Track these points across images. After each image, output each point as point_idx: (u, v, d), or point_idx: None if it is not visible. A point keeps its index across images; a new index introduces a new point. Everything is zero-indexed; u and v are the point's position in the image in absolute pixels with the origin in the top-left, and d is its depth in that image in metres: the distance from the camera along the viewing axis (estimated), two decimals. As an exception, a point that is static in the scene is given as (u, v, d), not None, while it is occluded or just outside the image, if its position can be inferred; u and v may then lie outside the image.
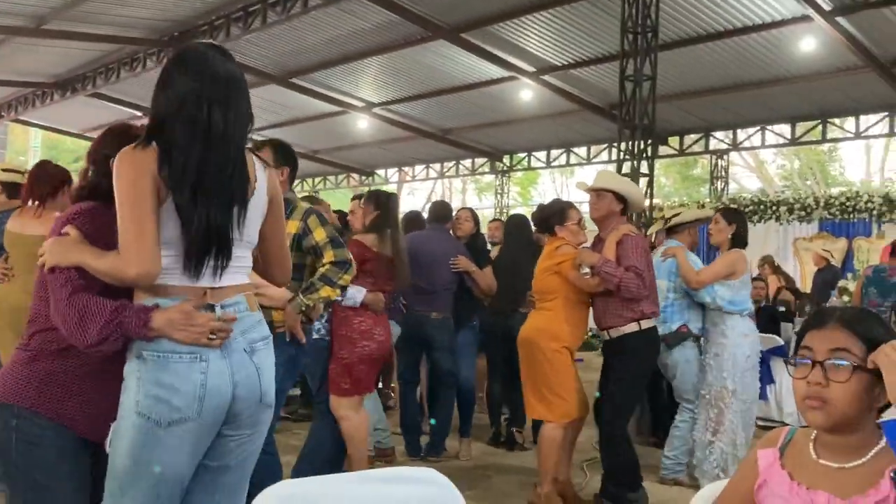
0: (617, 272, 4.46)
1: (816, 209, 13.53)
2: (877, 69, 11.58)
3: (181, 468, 2.06)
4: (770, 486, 1.71)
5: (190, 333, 2.02)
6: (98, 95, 16.99)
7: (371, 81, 15.23)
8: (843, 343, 1.61)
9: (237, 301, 2.16)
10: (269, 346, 2.24)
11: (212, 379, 2.04)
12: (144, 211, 2.00)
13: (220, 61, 2.17)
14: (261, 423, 2.23)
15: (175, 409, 2.01)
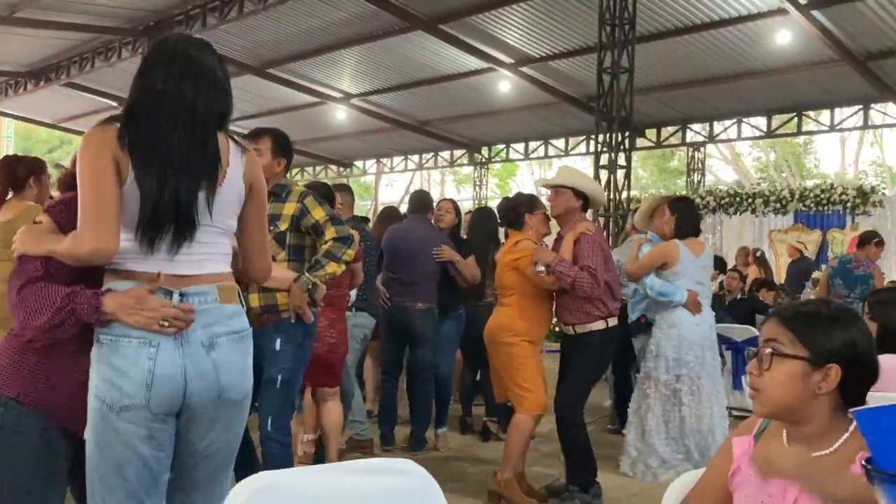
0: (571, 271, 4.49)
1: (791, 201, 13.67)
2: (851, 63, 11.68)
3: (142, 453, 2.04)
4: (743, 473, 1.74)
5: (140, 317, 1.98)
6: (72, 85, 16.78)
7: (349, 72, 15.16)
8: (773, 334, 1.68)
9: (203, 291, 2.09)
10: (239, 342, 2.16)
11: (160, 367, 2.01)
12: (101, 188, 1.98)
13: (193, 49, 2.17)
14: (227, 419, 2.16)
15: (126, 394, 2.00)
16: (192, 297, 2.07)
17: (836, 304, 1.73)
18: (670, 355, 5.23)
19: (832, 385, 1.61)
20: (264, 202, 2.35)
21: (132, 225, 2.04)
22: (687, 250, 5.28)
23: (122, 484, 2.04)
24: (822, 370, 1.62)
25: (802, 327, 1.65)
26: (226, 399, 2.12)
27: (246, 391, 2.20)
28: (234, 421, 2.20)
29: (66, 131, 23.55)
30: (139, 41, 14.09)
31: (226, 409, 2.14)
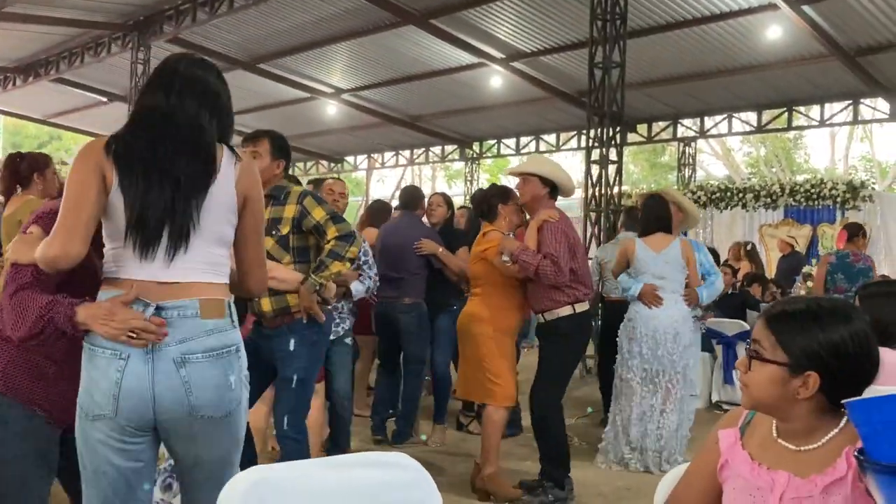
0: (533, 260, 4.49)
1: (782, 196, 13.70)
2: (841, 58, 11.72)
3: (115, 463, 2.06)
4: (732, 467, 1.74)
5: (109, 329, 1.99)
6: (62, 80, 16.70)
7: (340, 67, 15.13)
8: (758, 335, 1.70)
9: (182, 305, 2.06)
10: (217, 360, 2.09)
11: (128, 379, 2.01)
12: (78, 198, 2.02)
13: (191, 67, 2.23)
14: (207, 437, 2.11)
15: (96, 403, 2.03)
16: (169, 311, 2.04)
17: (827, 303, 1.69)
18: (625, 347, 5.49)
19: (810, 392, 1.61)
20: (261, 214, 2.30)
21: (119, 233, 2.07)
22: (644, 246, 5.48)
23: (97, 493, 2.08)
24: (800, 377, 1.62)
25: (785, 331, 1.65)
26: (200, 417, 2.07)
27: (227, 409, 2.12)
28: (216, 438, 2.13)
29: (56, 127, 23.47)
30: (129, 36, 14.04)
31: (203, 426, 2.09)
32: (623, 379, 5.48)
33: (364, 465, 1.72)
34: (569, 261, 4.55)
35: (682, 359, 5.40)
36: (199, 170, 2.12)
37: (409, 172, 31.64)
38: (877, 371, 1.65)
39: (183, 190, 2.08)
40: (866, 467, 1.39)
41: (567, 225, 4.67)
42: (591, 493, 4.83)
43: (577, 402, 7.78)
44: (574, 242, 4.66)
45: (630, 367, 5.44)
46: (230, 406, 2.12)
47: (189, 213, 2.08)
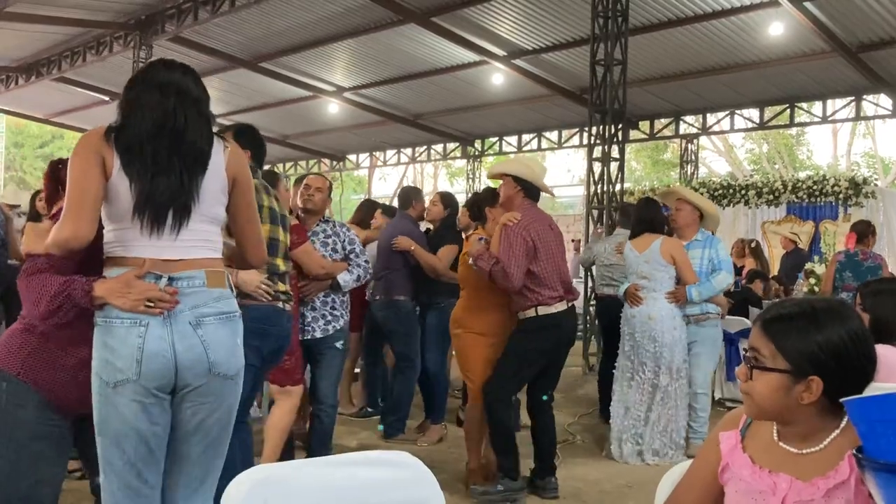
0: (486, 265, 4.52)
1: (784, 193, 13.70)
2: (843, 54, 11.70)
3: (138, 425, 2.20)
4: (733, 469, 1.74)
5: (127, 300, 2.16)
6: (64, 80, 16.72)
7: (341, 66, 15.13)
8: (756, 343, 1.68)
9: (191, 275, 2.25)
10: (227, 322, 2.30)
11: (150, 344, 2.17)
12: (82, 186, 2.20)
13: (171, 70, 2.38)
14: (219, 394, 2.30)
15: (118, 370, 2.17)
16: (180, 281, 2.23)
17: (822, 305, 1.67)
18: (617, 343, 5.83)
19: (815, 396, 1.60)
20: (249, 193, 2.48)
21: (123, 214, 2.24)
22: (631, 247, 5.72)
23: (121, 455, 2.21)
24: (803, 382, 1.60)
25: (783, 336, 1.63)
26: (217, 374, 2.26)
27: (238, 368, 2.32)
28: (226, 396, 2.31)
29: (58, 126, 23.48)
30: (130, 35, 14.04)
31: (216, 384, 2.27)
32: (615, 374, 5.77)
33: (366, 464, 1.73)
34: (525, 265, 4.50)
35: (666, 356, 5.48)
36: (200, 152, 2.30)
37: (411, 170, 31.67)
38: (875, 368, 1.65)
39: (188, 171, 2.26)
40: (865, 465, 1.39)
41: (532, 227, 4.56)
42: (593, 491, 4.84)
43: (578, 400, 7.80)
44: (537, 245, 4.55)
45: (618, 363, 5.74)
46: (238, 365, 2.34)
47: (192, 192, 2.27)
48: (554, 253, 4.64)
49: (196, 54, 14.47)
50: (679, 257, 5.55)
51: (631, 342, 5.61)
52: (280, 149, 20.59)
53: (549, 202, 33.65)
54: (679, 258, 5.55)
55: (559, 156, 31.02)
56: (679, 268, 5.54)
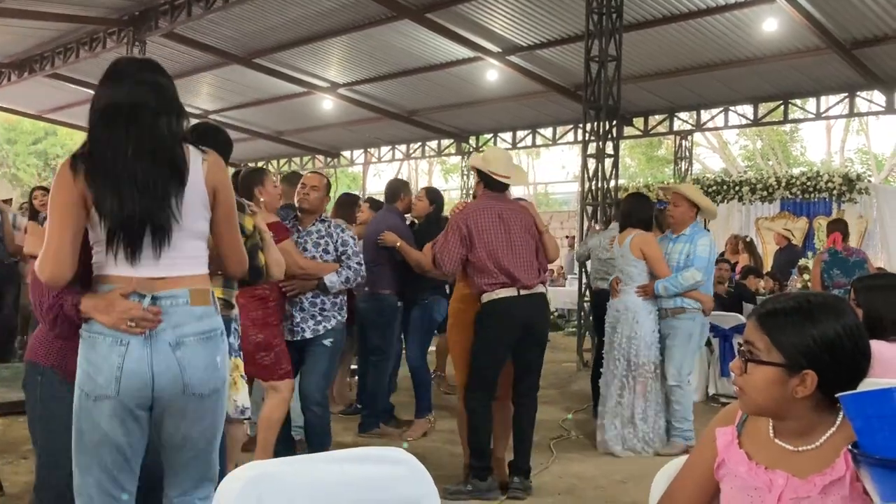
0: (430, 253, 4.69)
1: (778, 189, 13.73)
2: (837, 50, 11.72)
3: (115, 438, 2.26)
4: (728, 466, 1.73)
5: (110, 318, 2.21)
6: (57, 76, 16.65)
7: (336, 62, 15.11)
8: (751, 336, 1.68)
9: (174, 294, 2.27)
10: (207, 342, 2.31)
11: (129, 363, 2.22)
12: (59, 224, 2.24)
13: (135, 69, 2.36)
14: (195, 413, 2.33)
15: (99, 385, 2.23)
16: (163, 300, 2.26)
17: (817, 299, 1.68)
18: None
19: (809, 390, 1.60)
20: (230, 202, 2.46)
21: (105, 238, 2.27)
22: (616, 242, 5.92)
23: (97, 462, 2.27)
24: (798, 376, 1.61)
25: (778, 331, 1.63)
26: (191, 394, 2.29)
27: (213, 387, 2.34)
28: (204, 414, 2.34)
29: (51, 122, 23.40)
30: (124, 31, 13.98)
31: (193, 403, 2.30)
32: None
33: (361, 460, 1.73)
34: (456, 252, 4.57)
35: (636, 347, 5.60)
36: (166, 172, 2.27)
37: (405, 167, 31.65)
38: (869, 363, 1.65)
39: (155, 193, 2.24)
40: (861, 461, 1.39)
41: (471, 216, 4.61)
42: (588, 486, 4.84)
43: (572, 396, 7.81)
44: (472, 233, 4.57)
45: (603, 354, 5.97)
46: (217, 384, 2.35)
47: (167, 213, 2.26)
48: (493, 241, 4.58)
49: (189, 50, 14.43)
50: (649, 252, 5.63)
51: (610, 334, 5.79)
52: (274, 145, 20.55)
53: (544, 198, 33.72)
54: (649, 253, 5.63)
55: (553, 152, 31.10)
56: (649, 262, 5.65)
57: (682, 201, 5.80)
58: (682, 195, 5.87)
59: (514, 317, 4.58)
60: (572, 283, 14.43)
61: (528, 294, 4.60)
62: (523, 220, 4.72)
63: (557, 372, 9.42)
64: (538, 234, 4.80)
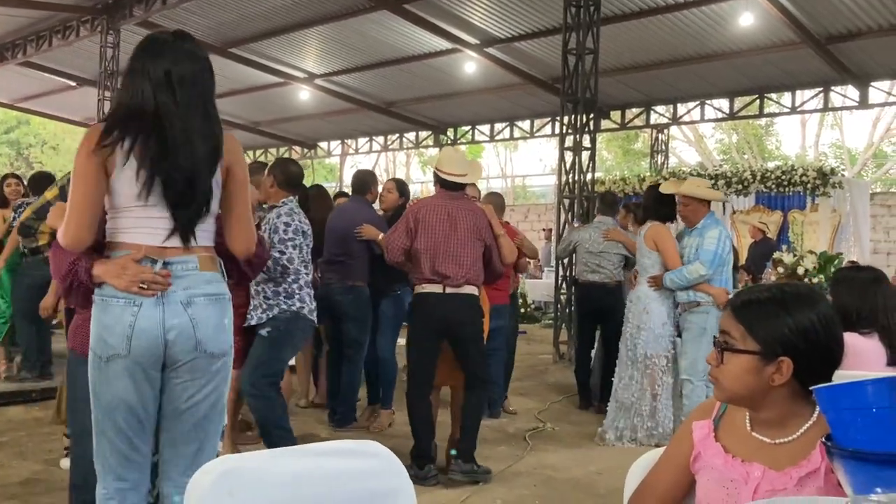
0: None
1: (753, 183, 13.81)
2: (812, 45, 11.82)
3: (128, 398, 2.35)
4: (705, 458, 1.74)
5: (122, 281, 2.30)
6: (29, 64, 16.45)
7: (313, 52, 15.03)
8: (726, 327, 1.69)
9: (185, 260, 2.37)
10: (216, 303, 2.41)
11: (141, 322, 2.31)
12: (80, 192, 2.32)
13: (182, 40, 2.46)
14: (206, 372, 2.41)
15: (110, 346, 2.33)
16: (174, 265, 2.36)
17: (791, 289, 1.70)
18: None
19: (786, 377, 1.62)
20: (242, 182, 2.52)
21: (123, 204, 2.35)
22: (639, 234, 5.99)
23: (112, 425, 2.37)
24: (774, 363, 1.62)
25: (752, 319, 1.65)
26: (202, 351, 2.37)
27: (224, 348, 2.43)
28: (211, 376, 2.42)
29: (24, 111, 23.12)
30: (98, 19, 13.83)
31: (203, 361, 2.39)
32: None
33: (335, 454, 1.71)
34: (401, 242, 4.74)
35: (644, 339, 5.61)
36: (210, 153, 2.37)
37: (383, 158, 31.57)
38: (843, 352, 1.67)
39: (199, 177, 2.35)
40: (834, 453, 1.40)
41: (421, 211, 4.78)
42: (563, 477, 4.86)
43: (550, 387, 7.83)
44: (418, 227, 4.71)
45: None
46: (225, 346, 2.44)
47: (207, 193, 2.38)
48: (434, 238, 4.69)
49: (165, 39, 14.28)
50: (662, 244, 5.61)
51: (625, 325, 5.80)
52: (250, 136, 20.42)
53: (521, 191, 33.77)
54: (662, 245, 5.61)
55: (531, 145, 31.14)
56: (662, 255, 5.62)
57: (690, 200, 5.67)
58: (688, 196, 5.70)
59: (437, 312, 4.70)
60: (549, 276, 14.47)
61: (454, 293, 4.67)
62: (473, 223, 4.78)
63: (534, 364, 9.45)
64: (493, 237, 4.86)
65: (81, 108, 18.82)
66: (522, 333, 13.14)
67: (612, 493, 4.39)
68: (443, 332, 4.72)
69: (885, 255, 15.62)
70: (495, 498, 4.43)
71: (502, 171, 34.19)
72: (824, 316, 1.65)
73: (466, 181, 4.96)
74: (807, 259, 7.73)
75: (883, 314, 3.20)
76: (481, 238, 4.78)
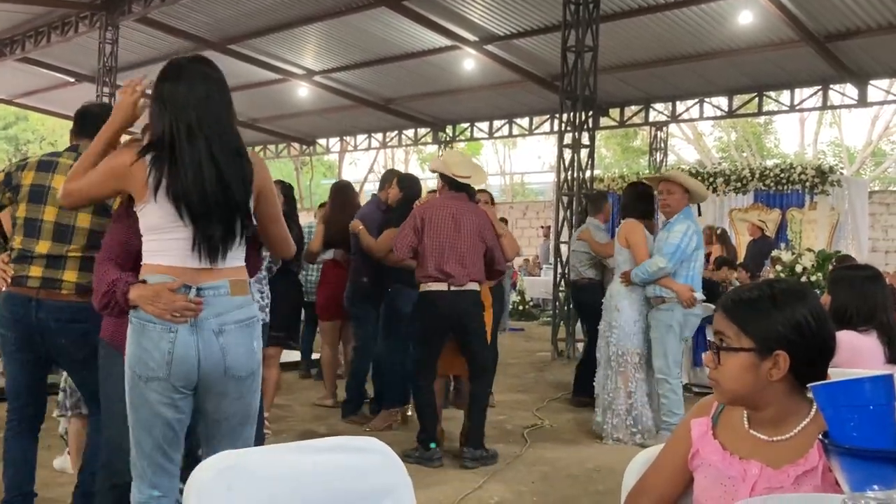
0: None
1: (752, 181, 13.79)
2: (811, 43, 11.82)
3: (165, 415, 2.47)
4: (703, 456, 1.74)
5: (155, 308, 2.40)
6: (28, 60, 16.42)
7: (312, 49, 15.01)
8: (719, 327, 1.71)
9: (216, 286, 2.47)
10: (245, 329, 2.52)
11: (178, 349, 2.42)
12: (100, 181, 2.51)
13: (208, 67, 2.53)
14: (234, 393, 2.54)
15: (151, 369, 2.44)
16: (206, 290, 2.45)
17: (779, 286, 1.72)
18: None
19: (783, 371, 1.63)
20: (273, 202, 2.67)
21: (159, 228, 2.45)
22: None
23: (150, 438, 2.49)
24: (770, 358, 1.63)
25: (744, 317, 1.67)
26: (231, 376, 2.49)
27: (251, 370, 2.55)
28: (242, 394, 2.56)
29: (22, 107, 23.09)
30: (97, 15, 13.81)
31: (232, 384, 2.51)
32: None
33: (334, 450, 1.72)
34: (408, 240, 4.96)
35: (616, 336, 5.62)
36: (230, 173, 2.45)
37: (381, 155, 31.55)
38: (835, 345, 1.70)
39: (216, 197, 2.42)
40: (831, 450, 1.40)
41: (428, 211, 4.99)
42: (560, 476, 4.86)
43: (549, 385, 7.84)
44: (424, 227, 4.94)
45: None
46: (253, 367, 2.57)
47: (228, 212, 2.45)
48: (440, 237, 4.91)
49: (163, 36, 14.28)
50: (632, 239, 5.62)
51: (601, 323, 5.85)
52: (249, 133, 20.39)
53: (520, 189, 33.77)
54: (631, 240, 5.62)
55: (530, 142, 31.10)
56: (631, 250, 5.63)
57: (675, 188, 5.53)
58: (675, 182, 5.60)
59: (442, 309, 4.96)
60: (548, 273, 14.48)
61: (458, 290, 4.93)
62: (477, 223, 4.99)
63: (533, 361, 9.46)
64: (495, 237, 5.12)
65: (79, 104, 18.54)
66: (520, 331, 13.17)
67: (610, 490, 4.40)
68: (448, 328, 5.02)
69: (883, 253, 15.65)
70: (493, 494, 4.44)
71: (501, 169, 34.18)
72: (815, 310, 1.67)
73: (472, 183, 5.14)
74: (805, 257, 7.73)
75: (881, 312, 3.21)
76: (483, 239, 5.01)
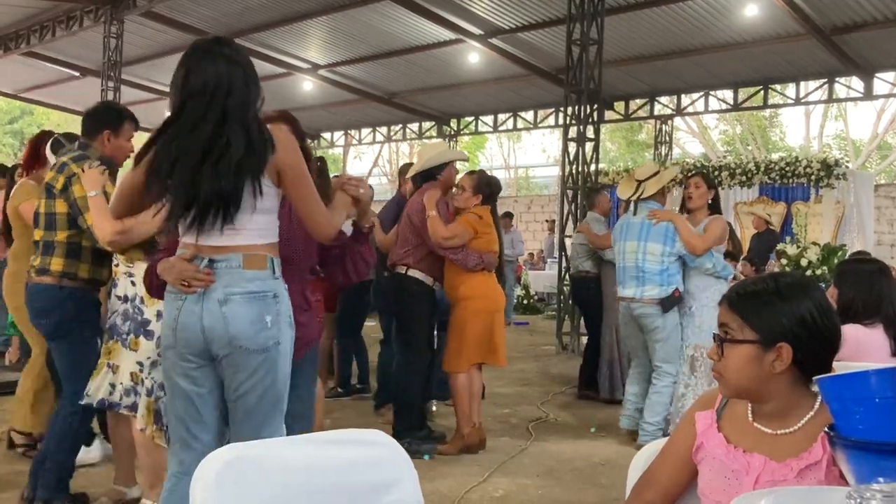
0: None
1: (757, 174, 13.77)
2: (817, 36, 11.77)
3: (182, 385, 2.55)
4: (707, 449, 1.75)
5: (169, 277, 2.52)
6: (33, 54, 16.42)
7: (316, 43, 14.99)
8: (724, 319, 1.72)
9: (228, 258, 2.49)
10: (253, 300, 2.48)
11: (183, 316, 2.50)
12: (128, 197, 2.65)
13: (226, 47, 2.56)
14: (246, 366, 2.50)
15: (166, 336, 2.57)
16: (218, 262, 2.49)
17: (784, 279, 1.72)
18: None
19: (786, 363, 1.63)
20: (299, 177, 2.57)
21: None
22: None
23: (173, 409, 2.61)
24: (773, 350, 1.64)
25: (749, 310, 1.68)
26: (237, 346, 2.47)
27: (261, 343, 2.49)
28: (255, 369, 2.51)
29: (28, 101, 23.11)
30: (102, 9, 13.81)
31: (241, 356, 2.49)
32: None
33: (340, 443, 1.72)
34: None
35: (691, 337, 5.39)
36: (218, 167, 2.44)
37: (386, 149, 31.53)
38: (840, 338, 1.69)
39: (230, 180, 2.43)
40: (837, 443, 1.40)
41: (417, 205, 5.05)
42: (565, 469, 4.87)
43: (553, 379, 7.84)
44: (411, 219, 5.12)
45: None
46: (266, 342, 2.50)
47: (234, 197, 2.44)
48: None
49: (168, 30, 14.27)
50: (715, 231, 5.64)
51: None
52: (254, 127, 20.36)
53: (525, 182, 33.73)
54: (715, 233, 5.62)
55: (535, 136, 31.06)
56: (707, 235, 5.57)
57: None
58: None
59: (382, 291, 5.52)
60: (552, 267, 14.46)
61: (391, 274, 5.22)
62: (413, 206, 5.10)
63: (537, 355, 9.46)
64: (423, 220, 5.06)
65: (85, 98, 18.75)
66: (525, 325, 13.17)
67: (615, 484, 4.40)
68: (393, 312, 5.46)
69: (888, 246, 15.61)
70: (498, 487, 4.44)
71: (505, 162, 34.14)
72: (819, 303, 1.68)
73: (457, 158, 5.47)
74: (810, 251, 7.73)
75: (887, 305, 3.21)
76: (411, 221, 5.08)
